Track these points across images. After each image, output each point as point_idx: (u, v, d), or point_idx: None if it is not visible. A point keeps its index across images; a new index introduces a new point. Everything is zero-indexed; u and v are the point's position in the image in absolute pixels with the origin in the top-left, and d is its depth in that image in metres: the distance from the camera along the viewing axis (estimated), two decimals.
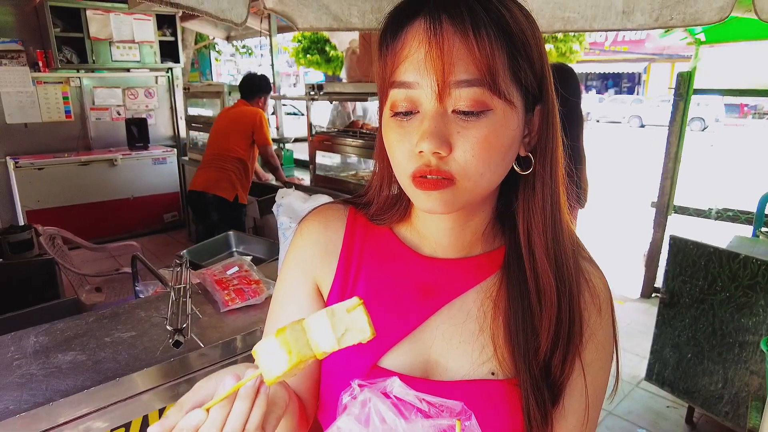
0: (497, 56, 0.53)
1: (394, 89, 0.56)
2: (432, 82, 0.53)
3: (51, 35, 4.74)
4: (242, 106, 3.73)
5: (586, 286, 0.65)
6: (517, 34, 0.54)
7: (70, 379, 1.19)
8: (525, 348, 0.61)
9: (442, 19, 0.52)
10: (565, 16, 1.46)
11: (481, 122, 0.54)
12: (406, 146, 0.56)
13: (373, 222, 0.70)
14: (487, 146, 0.54)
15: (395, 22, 0.56)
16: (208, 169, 3.63)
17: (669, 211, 3.84)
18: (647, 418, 2.65)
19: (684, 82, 3.54)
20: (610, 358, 0.67)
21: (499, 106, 0.54)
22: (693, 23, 1.35)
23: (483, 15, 0.52)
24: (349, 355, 0.64)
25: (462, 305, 0.65)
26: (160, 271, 1.92)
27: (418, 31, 0.53)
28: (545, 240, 0.61)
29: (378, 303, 0.66)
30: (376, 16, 1.18)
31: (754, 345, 2.23)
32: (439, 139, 0.53)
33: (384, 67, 0.57)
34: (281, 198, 1.77)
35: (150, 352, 1.32)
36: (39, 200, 4.80)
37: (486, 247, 0.67)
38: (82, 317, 1.52)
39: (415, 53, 0.53)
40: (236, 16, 0.87)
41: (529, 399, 0.60)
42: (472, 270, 0.66)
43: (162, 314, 1.51)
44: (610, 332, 0.66)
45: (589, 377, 0.64)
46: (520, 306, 0.62)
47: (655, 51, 21.72)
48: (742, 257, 2.23)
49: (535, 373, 0.60)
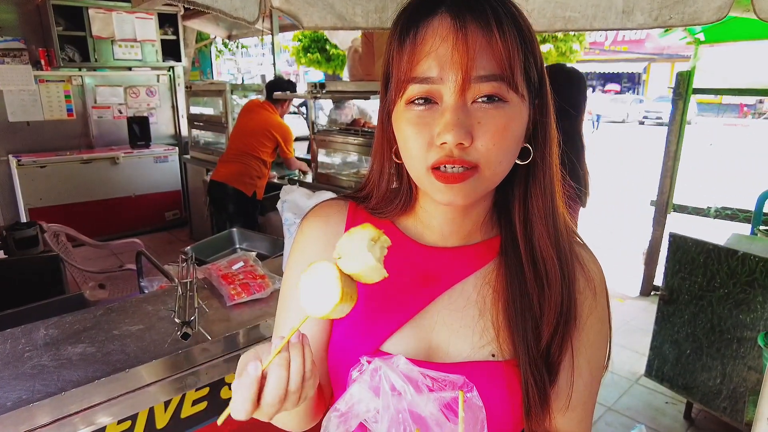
0: (515, 53, 0.56)
1: (415, 84, 0.57)
2: (456, 77, 0.54)
3: (53, 34, 4.75)
4: (269, 109, 3.84)
5: (581, 270, 0.68)
6: (527, 32, 0.58)
7: (80, 370, 1.21)
8: (524, 330, 0.63)
9: (466, 17, 0.54)
10: (566, 16, 1.49)
11: (499, 112, 0.56)
12: (424, 138, 0.57)
13: (374, 215, 0.72)
14: (506, 135, 0.57)
15: (413, 18, 0.58)
16: (232, 163, 3.78)
17: (668, 210, 3.86)
18: (646, 413, 2.68)
19: (683, 81, 3.57)
20: (606, 338, 0.70)
21: (515, 99, 0.57)
22: (692, 23, 1.37)
23: (503, 14, 0.55)
24: (353, 340, 0.67)
25: (462, 291, 0.67)
26: (165, 267, 1.95)
27: (440, 27, 0.55)
28: (546, 226, 0.64)
29: (380, 291, 0.67)
30: (379, 15, 1.20)
31: (752, 341, 2.25)
32: (463, 130, 0.55)
33: (400, 62, 0.58)
34: (286, 194, 1.79)
35: (158, 345, 1.34)
36: (41, 198, 4.82)
37: (484, 236, 0.70)
38: (90, 311, 1.55)
39: (438, 49, 0.55)
40: (249, 15, 0.89)
41: (528, 379, 0.62)
42: (471, 257, 0.68)
43: (169, 308, 1.53)
44: (605, 313, 0.70)
45: (588, 356, 0.67)
46: (519, 290, 0.65)
47: (654, 51, 21.74)
48: (741, 254, 2.26)
49: (534, 354, 0.63)
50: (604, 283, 0.70)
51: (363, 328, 0.67)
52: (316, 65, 14.14)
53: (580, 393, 0.67)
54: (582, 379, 0.67)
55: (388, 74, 0.62)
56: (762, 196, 3.07)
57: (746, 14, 1.39)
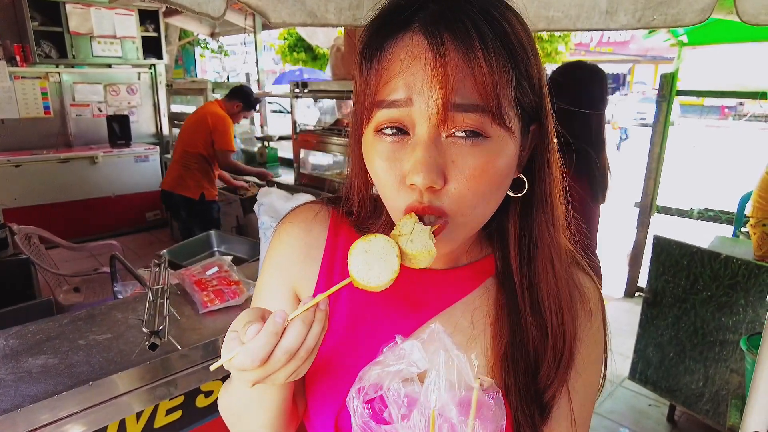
0: (503, 81, 0.48)
1: (383, 109, 0.50)
2: (428, 102, 0.47)
3: (29, 29, 4.63)
4: (216, 104, 3.71)
5: (578, 294, 0.64)
6: (520, 54, 0.50)
7: (40, 384, 1.15)
8: (514, 360, 0.59)
9: (443, 36, 0.47)
10: (549, 15, 1.46)
11: (477, 150, 0.49)
12: (394, 175, 0.51)
13: (358, 231, 0.67)
14: (483, 178, 0.50)
15: (380, 33, 0.51)
16: (174, 167, 3.63)
17: (652, 211, 3.88)
18: (630, 416, 2.67)
19: (667, 83, 3.58)
20: (600, 360, 0.66)
21: (497, 133, 0.50)
22: (674, 24, 1.35)
23: (489, 32, 0.47)
24: (336, 367, 0.63)
25: (449, 317, 0.63)
26: (139, 272, 1.88)
27: (411, 45, 0.48)
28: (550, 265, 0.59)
29: (364, 315, 0.64)
30: (353, 12, 1.15)
31: (734, 344, 2.26)
32: (434, 171, 0.48)
33: (367, 83, 0.51)
34: (263, 197, 1.74)
35: (125, 355, 1.28)
36: (16, 198, 4.69)
37: (471, 258, 0.65)
38: (56, 319, 1.48)
39: (408, 69, 0.48)
40: (213, 10, 0.84)
41: (517, 409, 0.59)
42: (460, 282, 0.64)
43: (139, 316, 1.47)
44: (600, 336, 0.66)
45: (581, 380, 0.63)
46: (508, 320, 0.61)
47: (639, 52, 21.99)
48: (723, 257, 2.26)
49: (522, 385, 0.59)
50: (600, 304, 0.66)
51: (348, 348, 0.63)
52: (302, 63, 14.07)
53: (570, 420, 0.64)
54: (576, 403, 0.63)
55: (356, 95, 0.55)
56: (743, 198, 3.10)
57: (729, 16, 1.38)
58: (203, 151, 3.57)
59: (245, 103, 3.71)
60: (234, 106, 3.68)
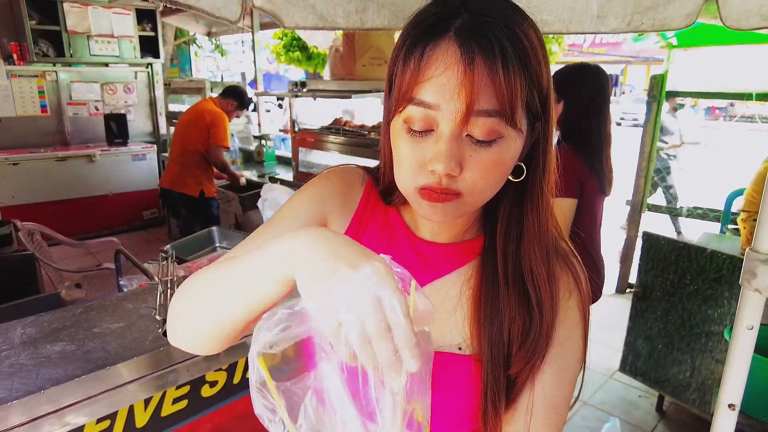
0: (518, 91, 0.56)
1: (413, 105, 0.57)
2: (456, 109, 0.55)
3: (26, 28, 4.65)
4: (210, 101, 3.75)
5: (560, 274, 0.69)
6: (534, 67, 0.57)
7: (60, 368, 1.20)
8: (490, 329, 0.66)
9: (474, 48, 0.54)
10: (542, 19, 1.53)
11: (492, 148, 0.57)
12: (416, 159, 0.59)
13: (384, 201, 0.76)
14: (494, 169, 0.59)
15: (421, 35, 0.57)
16: (172, 165, 3.66)
17: (643, 209, 3.96)
18: (620, 407, 2.76)
19: (657, 84, 3.66)
20: (578, 346, 0.69)
21: (510, 134, 0.58)
22: (662, 28, 1.42)
23: (510, 50, 0.54)
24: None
25: (441, 286, 0.71)
26: (144, 266, 1.94)
27: (446, 54, 0.55)
28: (539, 246, 0.66)
29: None
30: (360, 16, 1.22)
31: (719, 335, 2.34)
32: (454, 161, 0.56)
33: (404, 77, 0.58)
34: (266, 192, 1.80)
35: (139, 342, 1.34)
36: (14, 196, 4.71)
37: (470, 235, 0.73)
38: (69, 309, 1.53)
39: (441, 76, 0.55)
40: (231, 14, 0.90)
41: (488, 376, 0.65)
42: (455, 255, 0.72)
43: (149, 306, 1.52)
44: (577, 317, 0.69)
45: (558, 362, 0.67)
46: (490, 292, 0.68)
47: (631, 54, 22.16)
48: (709, 252, 2.34)
49: (497, 354, 0.65)
50: (579, 287, 0.70)
51: None
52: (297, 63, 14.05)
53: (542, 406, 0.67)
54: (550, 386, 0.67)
55: (391, 82, 0.62)
56: (730, 196, 3.18)
57: (713, 21, 1.45)
58: (201, 149, 3.60)
59: (239, 102, 3.77)
60: (229, 105, 3.74)
